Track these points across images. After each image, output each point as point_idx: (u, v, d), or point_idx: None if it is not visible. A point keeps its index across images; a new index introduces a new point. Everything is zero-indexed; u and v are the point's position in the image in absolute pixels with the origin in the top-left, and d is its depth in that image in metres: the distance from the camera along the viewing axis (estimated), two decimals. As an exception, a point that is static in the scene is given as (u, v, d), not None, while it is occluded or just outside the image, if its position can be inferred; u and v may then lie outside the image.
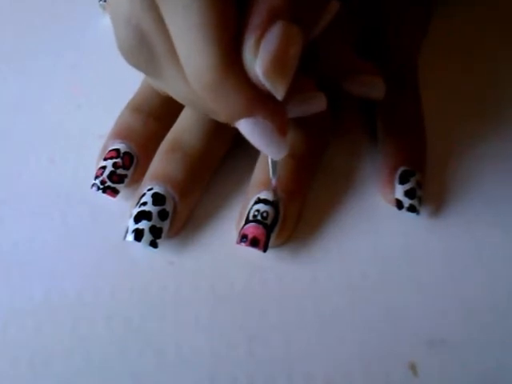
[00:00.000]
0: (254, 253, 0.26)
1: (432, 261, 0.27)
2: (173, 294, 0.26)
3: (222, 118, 0.22)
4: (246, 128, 0.21)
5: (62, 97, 0.33)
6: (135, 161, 0.28)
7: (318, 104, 0.25)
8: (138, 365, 0.24)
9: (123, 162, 0.28)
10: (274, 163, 0.25)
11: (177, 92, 0.23)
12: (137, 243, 0.26)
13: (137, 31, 0.21)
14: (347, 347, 0.25)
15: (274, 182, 0.26)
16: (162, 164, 0.27)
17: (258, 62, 0.19)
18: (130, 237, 0.26)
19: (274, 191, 0.26)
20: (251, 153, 0.26)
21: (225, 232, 0.28)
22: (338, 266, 0.27)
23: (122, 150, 0.28)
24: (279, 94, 0.20)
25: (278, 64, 0.19)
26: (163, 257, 0.27)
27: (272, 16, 0.19)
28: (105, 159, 0.28)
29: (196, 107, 0.24)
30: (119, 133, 0.28)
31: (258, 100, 0.20)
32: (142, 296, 0.26)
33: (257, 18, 0.19)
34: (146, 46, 0.21)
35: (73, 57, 0.35)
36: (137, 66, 0.23)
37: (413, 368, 0.24)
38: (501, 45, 0.35)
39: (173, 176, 0.27)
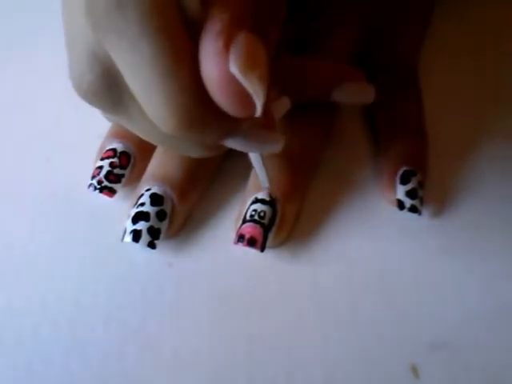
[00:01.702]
0: (254, 253, 0.26)
1: (434, 262, 0.27)
2: (171, 295, 0.26)
3: (203, 151, 0.21)
4: (235, 143, 0.20)
5: (59, 96, 0.33)
6: (132, 160, 0.28)
7: (271, 146, 0.22)
8: (136, 367, 0.24)
9: (120, 162, 0.27)
10: (263, 173, 0.25)
11: (143, 130, 0.21)
12: (134, 245, 0.25)
13: (104, 67, 0.18)
14: (348, 348, 0.25)
15: (266, 185, 0.26)
16: (160, 164, 0.27)
17: (232, 59, 0.16)
18: (128, 238, 0.25)
19: (269, 195, 0.26)
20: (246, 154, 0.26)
21: (224, 233, 0.28)
22: (338, 266, 0.27)
23: (119, 150, 0.28)
24: (260, 89, 0.17)
25: (252, 59, 0.16)
26: (162, 258, 0.27)
27: (235, 24, 0.16)
28: (102, 159, 0.28)
29: (169, 146, 0.22)
30: (116, 132, 0.28)
31: (234, 124, 0.18)
32: (140, 298, 0.26)
33: (217, 25, 0.16)
34: (114, 84, 0.18)
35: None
36: (100, 107, 0.19)
37: (414, 370, 0.24)
38: (502, 45, 0.34)
39: (171, 176, 0.27)
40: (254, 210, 0.26)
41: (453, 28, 0.35)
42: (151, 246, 0.25)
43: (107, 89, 0.18)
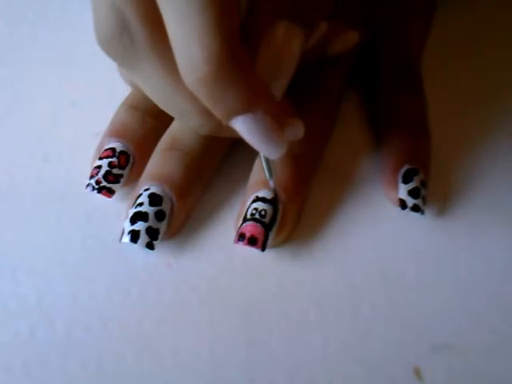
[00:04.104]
0: (254, 254, 0.25)
1: (436, 262, 0.26)
2: (170, 296, 0.26)
3: (194, 117, 0.21)
4: (244, 125, 0.20)
5: (56, 94, 0.33)
6: (131, 160, 0.27)
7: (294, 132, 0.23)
8: (134, 369, 0.24)
9: (119, 162, 0.27)
10: (268, 164, 0.24)
11: (153, 89, 0.22)
12: (133, 245, 0.25)
13: (118, 16, 0.19)
14: (350, 350, 0.24)
15: (271, 183, 0.25)
16: (159, 163, 0.27)
17: (259, 57, 0.19)
18: (126, 238, 0.25)
19: (274, 192, 0.26)
20: (250, 152, 0.25)
21: (223, 233, 0.27)
22: (339, 267, 0.26)
23: (118, 149, 0.27)
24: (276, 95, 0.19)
25: (281, 64, 0.19)
26: (160, 258, 0.27)
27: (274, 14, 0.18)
28: (100, 158, 0.27)
29: (171, 108, 0.23)
30: (115, 131, 0.28)
31: (257, 93, 0.19)
32: (138, 299, 0.26)
33: (260, 15, 0.18)
34: (126, 33, 0.20)
35: (66, 53, 0.34)
36: (113, 55, 0.21)
37: (417, 373, 0.24)
38: (504, 45, 0.34)
39: (170, 176, 0.26)
40: (255, 209, 0.26)
41: (455, 28, 0.35)
42: (149, 246, 0.25)
43: (119, 37, 0.20)
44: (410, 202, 0.26)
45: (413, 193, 0.27)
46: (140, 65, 0.21)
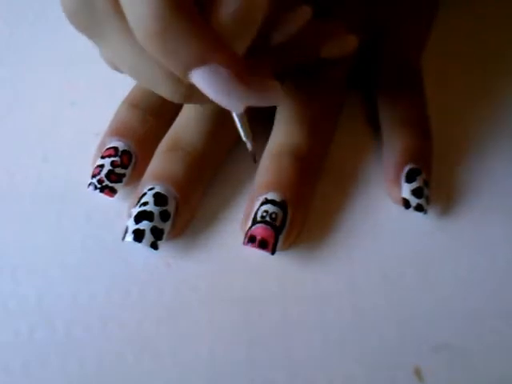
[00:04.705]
0: (254, 254, 0.25)
1: (439, 262, 0.27)
2: (170, 296, 0.26)
3: (166, 83, 0.22)
4: (201, 79, 0.20)
5: (55, 94, 0.33)
6: (133, 159, 0.27)
7: (272, 95, 0.23)
8: (134, 369, 0.24)
9: (121, 161, 0.27)
10: (243, 124, 0.24)
11: (122, 58, 0.22)
12: (133, 245, 0.25)
13: None
14: (350, 351, 0.24)
15: (249, 145, 0.25)
16: (162, 163, 0.27)
17: (218, 7, 0.19)
18: (130, 237, 0.25)
19: (253, 155, 0.26)
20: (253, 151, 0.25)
21: (223, 233, 0.27)
22: (340, 267, 0.26)
23: (121, 148, 0.27)
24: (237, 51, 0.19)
25: (241, 13, 0.19)
26: (160, 258, 0.27)
27: None
28: (102, 157, 0.27)
29: (142, 77, 0.23)
30: (117, 130, 0.28)
31: (210, 45, 0.19)
32: (138, 299, 0.26)
33: None
34: (88, 5, 0.20)
35: (66, 53, 0.34)
36: (81, 29, 0.22)
37: (418, 373, 0.24)
38: (505, 44, 0.35)
39: (174, 176, 0.26)
40: (265, 211, 0.25)
41: (456, 28, 0.35)
42: (154, 246, 0.25)
43: (82, 8, 0.21)
44: (414, 201, 0.27)
45: (416, 192, 0.27)
46: (105, 34, 0.21)
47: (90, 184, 0.27)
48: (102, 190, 0.26)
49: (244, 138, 0.24)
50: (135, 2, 0.19)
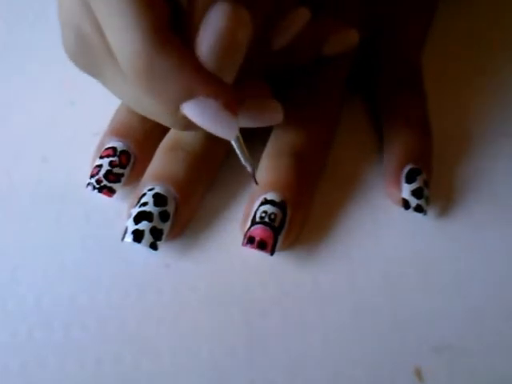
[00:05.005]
0: (254, 254, 0.25)
1: (439, 263, 0.26)
2: (169, 297, 0.26)
3: (166, 116, 0.22)
4: (191, 111, 0.20)
5: (54, 93, 0.33)
6: (132, 159, 0.27)
7: (272, 115, 0.25)
8: (133, 370, 0.24)
9: (120, 161, 0.27)
10: (242, 148, 0.24)
11: (121, 94, 0.23)
12: (132, 245, 0.25)
13: (77, 32, 0.21)
14: (351, 352, 0.24)
15: (249, 168, 0.25)
16: (163, 163, 0.27)
17: (199, 41, 0.19)
18: (129, 238, 0.25)
19: (254, 178, 0.26)
20: (253, 153, 0.25)
21: (223, 234, 0.27)
22: (340, 267, 0.26)
23: (119, 149, 0.27)
24: (226, 78, 0.20)
25: (222, 45, 0.19)
26: (159, 259, 0.27)
27: None
28: (101, 157, 0.27)
29: (143, 111, 0.24)
30: (116, 130, 0.28)
31: (196, 79, 0.20)
32: (137, 299, 0.26)
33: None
34: (86, 47, 0.22)
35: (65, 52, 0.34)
36: (82, 68, 0.23)
37: (418, 374, 0.24)
38: (506, 44, 0.34)
39: (175, 176, 0.26)
40: (264, 212, 0.25)
41: (456, 27, 0.35)
42: (153, 247, 0.25)
43: (81, 51, 0.22)
44: (414, 202, 0.26)
45: (416, 193, 0.26)
46: (103, 72, 0.23)
47: (88, 184, 0.27)
48: (100, 190, 0.26)
49: (243, 162, 0.25)
50: (121, 42, 0.19)
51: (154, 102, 0.21)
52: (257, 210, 0.26)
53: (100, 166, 0.27)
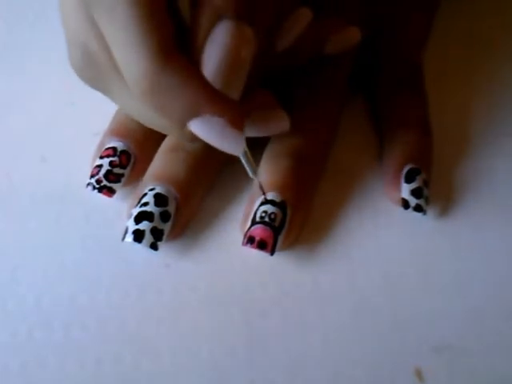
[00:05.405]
0: (254, 254, 0.25)
1: (439, 263, 0.26)
2: (169, 297, 0.26)
3: (173, 130, 0.22)
4: (197, 129, 0.20)
5: (55, 93, 0.33)
6: (132, 159, 0.27)
7: (278, 124, 0.25)
8: (133, 370, 0.24)
9: (120, 161, 0.27)
10: (249, 162, 0.24)
11: (128, 108, 0.24)
12: (132, 245, 0.25)
13: (84, 49, 0.22)
14: (351, 352, 0.24)
15: (257, 181, 0.25)
16: (163, 164, 0.27)
17: (204, 59, 0.20)
18: (130, 238, 0.25)
19: (262, 189, 0.26)
20: (254, 153, 0.25)
21: (223, 234, 0.27)
22: (340, 267, 0.26)
23: (119, 149, 0.27)
24: (232, 95, 0.20)
25: (227, 62, 0.20)
26: (159, 259, 0.27)
27: (215, 15, 0.19)
28: (101, 157, 0.27)
29: (151, 125, 0.24)
30: (116, 130, 0.28)
31: (202, 96, 0.20)
32: (137, 299, 0.26)
33: (201, 18, 0.19)
34: (92, 63, 0.22)
35: (65, 53, 0.34)
36: (88, 83, 0.24)
37: (418, 374, 0.24)
38: (506, 44, 0.34)
39: (175, 177, 0.26)
40: (264, 212, 0.25)
41: (456, 27, 0.35)
42: (153, 247, 0.25)
43: (87, 68, 0.22)
44: (413, 201, 0.26)
45: (416, 193, 0.26)
46: (110, 87, 0.23)
47: (88, 184, 0.27)
48: (100, 190, 0.26)
49: (250, 175, 0.25)
50: (127, 60, 0.20)
51: (161, 117, 0.21)
52: (257, 209, 0.26)
53: (100, 166, 0.27)
